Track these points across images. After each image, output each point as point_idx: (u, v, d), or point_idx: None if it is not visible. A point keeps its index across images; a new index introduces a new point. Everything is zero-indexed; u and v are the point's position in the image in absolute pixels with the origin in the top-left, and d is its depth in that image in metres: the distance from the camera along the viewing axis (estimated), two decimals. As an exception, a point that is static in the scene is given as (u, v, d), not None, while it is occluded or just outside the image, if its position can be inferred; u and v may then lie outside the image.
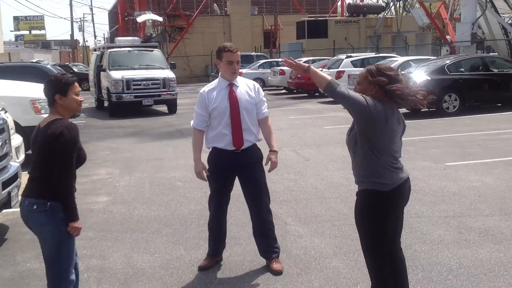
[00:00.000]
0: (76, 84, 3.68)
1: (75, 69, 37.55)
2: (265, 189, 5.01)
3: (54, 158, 3.47)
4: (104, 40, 72.89)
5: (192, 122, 5.00)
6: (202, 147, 4.97)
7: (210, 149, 5.01)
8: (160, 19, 33.85)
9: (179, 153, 11.23)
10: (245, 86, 4.92)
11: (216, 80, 4.96)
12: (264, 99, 5.05)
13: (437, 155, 9.89)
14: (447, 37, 37.22)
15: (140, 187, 8.45)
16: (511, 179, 7.90)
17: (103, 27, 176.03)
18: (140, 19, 31.85)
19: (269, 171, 5.03)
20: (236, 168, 4.93)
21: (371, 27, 38.46)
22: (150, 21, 31.43)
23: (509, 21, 33.79)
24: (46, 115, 3.71)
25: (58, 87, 3.60)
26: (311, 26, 37.70)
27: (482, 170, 8.54)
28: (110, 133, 14.74)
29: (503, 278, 4.57)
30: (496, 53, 27.13)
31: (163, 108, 20.28)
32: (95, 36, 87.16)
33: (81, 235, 6.05)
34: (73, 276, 3.73)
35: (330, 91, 3.57)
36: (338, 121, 15.39)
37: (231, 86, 4.86)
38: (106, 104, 20.78)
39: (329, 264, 5.05)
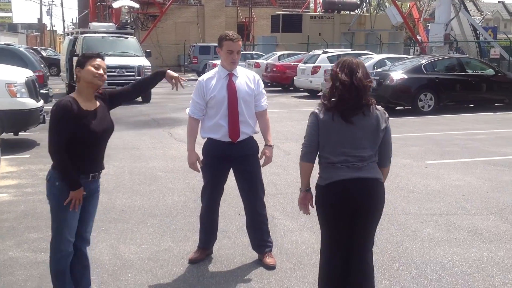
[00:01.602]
0: (99, 59, 3.69)
1: (44, 54, 36.68)
2: (260, 182, 4.92)
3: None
4: (72, 25, 71.55)
5: (187, 110, 4.87)
6: (196, 137, 4.85)
7: (205, 139, 4.88)
8: (137, 5, 33.35)
9: (157, 143, 11.06)
10: (245, 77, 4.81)
11: (216, 69, 4.83)
12: (264, 91, 4.95)
13: (416, 153, 9.95)
14: (418, 37, 37.67)
15: (120, 176, 8.26)
16: (493, 179, 7.97)
17: (72, 12, 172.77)
18: (116, 4, 31.27)
19: (263, 165, 4.94)
20: (231, 160, 4.82)
21: (345, 23, 38.61)
22: (126, 7, 30.85)
23: (480, 24, 34.43)
24: (22, 99, 3.78)
25: (79, 60, 3.68)
26: (286, 20, 37.68)
27: (463, 169, 8.61)
28: (84, 120, 14.39)
29: (498, 278, 4.58)
30: (467, 54, 27.54)
31: (137, 96, 19.94)
32: (63, 21, 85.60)
33: (64, 224, 5.96)
34: (70, 249, 3.75)
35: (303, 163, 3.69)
36: (315, 116, 15.39)
37: (231, 76, 4.74)
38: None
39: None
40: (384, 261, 4.95)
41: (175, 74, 4.21)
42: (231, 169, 4.93)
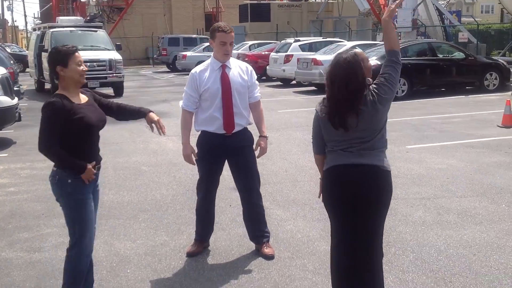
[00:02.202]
0: (77, 53, 3.67)
1: (9, 50, 35.87)
2: (256, 173, 4.93)
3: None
4: (36, 19, 70.08)
5: (181, 103, 4.83)
6: (191, 130, 4.82)
7: (199, 132, 4.86)
8: (105, -2, 32.83)
9: (136, 137, 10.95)
10: (238, 68, 4.79)
11: (208, 61, 4.80)
12: (257, 82, 4.94)
13: (396, 138, 10.05)
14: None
15: (103, 171, 8.00)
16: (474, 161, 8.12)
17: (33, 7, 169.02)
18: (83, -3, 30.72)
19: (258, 157, 4.94)
20: (226, 152, 4.80)
21: (313, 11, 38.73)
22: (94, 0, 30.29)
23: (444, 8, 34.88)
24: None
25: (58, 58, 3.60)
26: (254, 10, 37.58)
27: (443, 152, 8.75)
28: (58, 116, 14.14)
29: (493, 258, 4.68)
30: (434, 39, 27.89)
31: (108, 90, 19.73)
32: (25, 16, 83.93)
33: (52, 222, 5.91)
34: (91, 247, 3.77)
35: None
36: (290, 105, 15.48)
37: (224, 67, 4.71)
38: (47, 86, 20.01)
39: (319, 248, 5.03)
40: (380, 246, 5.01)
41: (156, 118, 4.01)
42: (226, 161, 4.92)
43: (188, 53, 29.03)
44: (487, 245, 4.96)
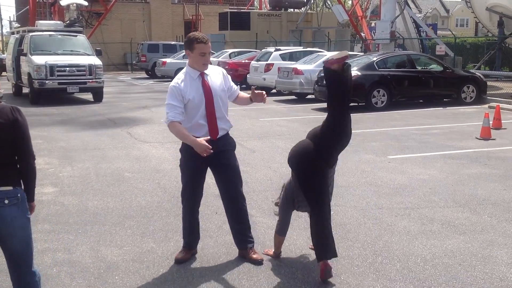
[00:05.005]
0: None
1: (-15, 53, 35.45)
2: (239, 175, 4.98)
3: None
4: (13, 23, 69.18)
5: (166, 119, 4.69)
6: (187, 132, 4.69)
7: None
8: (85, 3, 32.52)
9: (117, 143, 10.89)
10: (215, 74, 4.86)
11: (183, 71, 4.78)
12: (232, 82, 5.05)
13: (377, 148, 10.18)
14: (362, 34, 38.45)
15: (86, 178, 8.11)
16: (454, 172, 8.25)
17: (8, 10, 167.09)
18: (63, 2, 30.37)
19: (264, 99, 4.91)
20: (210, 157, 4.78)
21: (292, 21, 38.98)
22: (75, 4, 30.05)
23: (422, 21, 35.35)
24: None
25: None
26: (234, 18, 37.67)
27: (424, 163, 8.87)
28: (37, 120, 13.99)
29: (478, 268, 4.76)
30: (412, 51, 28.26)
31: (87, 96, 19.61)
32: (1, 19, 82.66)
33: (37, 227, 5.85)
34: None
35: None
36: (272, 113, 15.55)
37: (203, 75, 4.75)
38: (25, 90, 19.79)
39: (307, 256, 5.07)
40: (367, 255, 5.06)
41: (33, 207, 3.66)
42: (209, 168, 4.95)
43: (168, 60, 28.97)
44: (472, 255, 5.04)
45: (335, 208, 6.46)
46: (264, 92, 4.91)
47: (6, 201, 3.32)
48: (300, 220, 5.99)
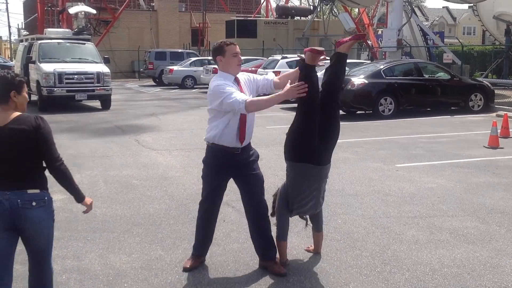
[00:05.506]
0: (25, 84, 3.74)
1: (-7, 60, 35.70)
2: (263, 186, 4.95)
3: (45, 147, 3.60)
4: (21, 30, 69.67)
5: (239, 103, 4.41)
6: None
7: (209, 144, 4.82)
8: (94, 11, 32.74)
9: (125, 151, 10.92)
10: (245, 78, 4.87)
11: (217, 78, 4.73)
12: (258, 76, 5.05)
13: (385, 156, 10.16)
14: (369, 42, 38.46)
15: (94, 185, 8.14)
16: (462, 181, 8.23)
17: (17, 17, 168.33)
18: (72, 10, 30.58)
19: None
20: (235, 167, 4.78)
21: (299, 29, 39.05)
22: (83, 13, 30.24)
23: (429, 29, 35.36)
24: None
25: (14, 84, 3.58)
26: (241, 26, 37.80)
27: (432, 172, 8.85)
28: (45, 128, 14.04)
29: (487, 277, 4.74)
30: (419, 59, 28.25)
31: (95, 103, 19.69)
32: (9, 26, 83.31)
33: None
34: None
35: None
36: (278, 121, 15.55)
37: (237, 80, 4.75)
38: (33, 98, 19.87)
39: (314, 265, 5.07)
40: (376, 264, 5.06)
41: (88, 204, 3.95)
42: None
43: (175, 68, 29.09)
44: (481, 264, 5.03)
45: (343, 217, 6.47)
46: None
47: (34, 204, 3.55)
48: (308, 229, 5.99)
